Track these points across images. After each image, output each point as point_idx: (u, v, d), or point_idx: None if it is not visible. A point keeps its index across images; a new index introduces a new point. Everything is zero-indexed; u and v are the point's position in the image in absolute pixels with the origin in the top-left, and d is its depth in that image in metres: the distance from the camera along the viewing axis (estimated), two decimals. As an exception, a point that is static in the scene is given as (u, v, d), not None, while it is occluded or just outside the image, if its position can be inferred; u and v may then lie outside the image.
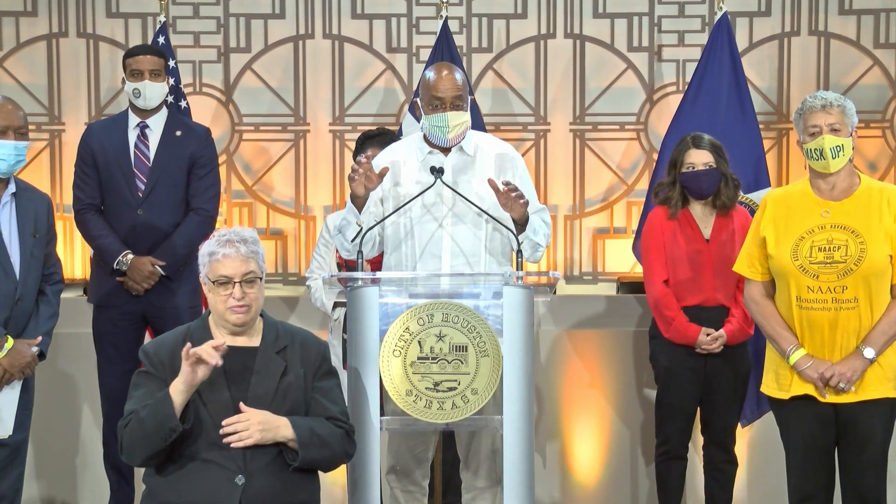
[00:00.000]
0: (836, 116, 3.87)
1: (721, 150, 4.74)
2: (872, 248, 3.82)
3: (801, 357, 3.89)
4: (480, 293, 3.81)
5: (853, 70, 5.85)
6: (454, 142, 4.14)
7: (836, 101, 3.90)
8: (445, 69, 4.17)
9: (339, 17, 5.89)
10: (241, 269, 3.45)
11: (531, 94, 5.91)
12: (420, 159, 4.18)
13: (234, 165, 5.89)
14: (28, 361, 4.15)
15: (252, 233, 3.56)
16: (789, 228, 3.92)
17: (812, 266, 3.85)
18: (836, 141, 3.85)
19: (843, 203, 3.90)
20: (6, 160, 4.08)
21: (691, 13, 5.88)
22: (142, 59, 4.90)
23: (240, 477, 3.37)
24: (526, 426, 3.74)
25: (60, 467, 5.51)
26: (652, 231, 4.80)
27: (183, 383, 3.34)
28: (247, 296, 3.46)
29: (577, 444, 5.57)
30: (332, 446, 3.48)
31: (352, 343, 3.80)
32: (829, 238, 3.86)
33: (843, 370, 3.83)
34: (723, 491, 4.84)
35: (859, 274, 3.82)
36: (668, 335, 4.72)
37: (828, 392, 3.87)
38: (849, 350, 3.86)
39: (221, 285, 3.46)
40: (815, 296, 3.85)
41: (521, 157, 4.30)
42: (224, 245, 3.48)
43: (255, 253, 3.50)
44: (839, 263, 3.83)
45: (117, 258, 4.83)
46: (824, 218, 3.89)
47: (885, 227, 3.85)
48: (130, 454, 3.43)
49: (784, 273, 3.91)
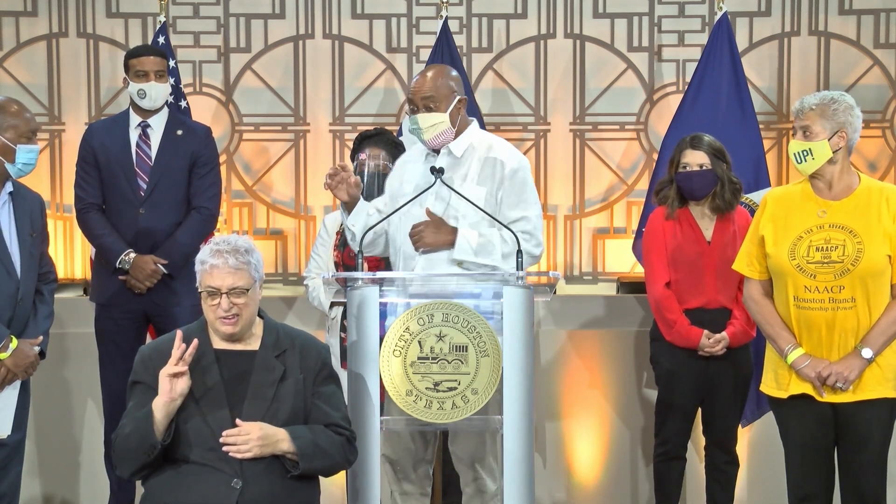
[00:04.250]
0: (810, 119, 3.84)
1: (721, 153, 4.72)
2: (870, 248, 3.82)
3: (799, 356, 3.88)
4: (480, 293, 3.80)
5: (853, 70, 5.85)
6: (434, 143, 4.13)
7: (815, 103, 3.86)
8: (427, 70, 4.18)
9: (339, 17, 5.89)
10: (227, 282, 3.42)
11: (531, 94, 5.91)
12: (422, 160, 4.21)
13: (234, 165, 5.89)
14: (31, 361, 4.16)
15: (246, 241, 3.51)
16: (788, 228, 3.92)
17: (809, 266, 3.85)
18: (801, 146, 3.85)
19: (842, 203, 3.89)
20: (32, 164, 4.16)
21: (691, 13, 5.88)
22: (146, 60, 4.91)
23: (236, 481, 3.37)
24: (526, 426, 3.74)
25: (61, 467, 5.51)
26: (653, 233, 4.79)
27: (163, 399, 3.35)
28: (234, 306, 3.43)
29: (577, 444, 5.57)
30: (333, 456, 3.47)
31: (352, 343, 3.80)
32: (827, 238, 3.86)
33: (840, 370, 3.83)
34: (724, 491, 4.84)
35: (856, 274, 3.81)
36: (669, 338, 4.72)
37: (825, 391, 3.87)
38: (846, 350, 3.85)
39: (210, 295, 3.45)
40: (813, 295, 3.85)
41: (518, 163, 4.16)
42: (214, 255, 3.45)
43: (245, 263, 3.45)
44: (836, 263, 3.83)
45: (120, 257, 4.83)
46: (822, 218, 3.89)
47: (883, 227, 3.84)
48: (121, 468, 3.48)
49: (782, 272, 3.91)
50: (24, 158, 4.11)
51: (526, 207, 4.13)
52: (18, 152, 4.09)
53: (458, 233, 4.05)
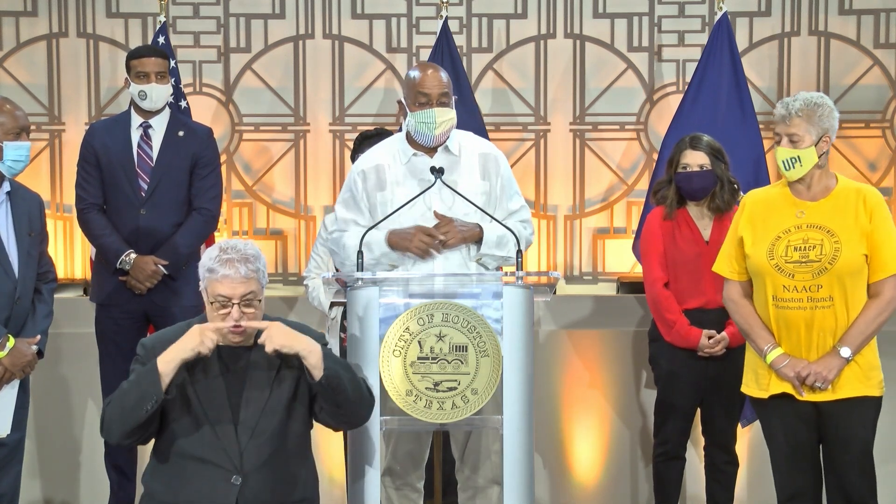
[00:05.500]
0: (797, 126, 3.85)
1: (720, 153, 4.73)
2: (847, 248, 3.83)
3: (778, 356, 3.90)
4: (480, 293, 3.80)
5: (853, 70, 5.85)
6: (439, 139, 4.13)
7: (800, 109, 3.85)
8: (431, 68, 4.18)
9: (339, 17, 5.89)
10: (239, 291, 3.38)
11: (531, 94, 5.91)
12: (404, 162, 4.16)
13: (235, 165, 5.89)
14: (29, 360, 4.16)
15: (255, 249, 3.46)
16: (766, 228, 3.93)
17: (787, 265, 3.86)
18: (790, 153, 3.86)
19: (820, 203, 3.91)
20: (23, 161, 4.12)
21: (691, 13, 5.88)
22: (147, 61, 4.91)
23: (236, 477, 3.38)
24: (526, 426, 3.74)
25: (60, 467, 5.51)
26: (651, 234, 4.79)
27: (178, 351, 3.32)
28: (245, 316, 3.40)
29: (577, 444, 5.57)
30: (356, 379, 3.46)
31: (352, 343, 3.80)
32: (805, 237, 3.87)
33: (819, 369, 3.84)
34: (725, 491, 4.84)
35: (834, 273, 3.83)
36: (669, 339, 4.72)
37: (804, 391, 3.88)
38: (825, 349, 3.86)
39: (221, 305, 3.41)
40: (791, 295, 3.86)
41: (503, 156, 4.26)
42: (224, 264, 3.39)
43: (255, 271, 3.41)
44: (814, 262, 3.84)
45: (120, 257, 4.84)
46: (800, 218, 3.90)
47: (860, 227, 3.86)
48: (109, 429, 3.41)
49: (760, 272, 3.92)
50: (12, 156, 4.08)
51: (519, 198, 4.26)
52: (6, 149, 4.07)
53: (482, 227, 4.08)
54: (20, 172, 4.17)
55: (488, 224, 4.09)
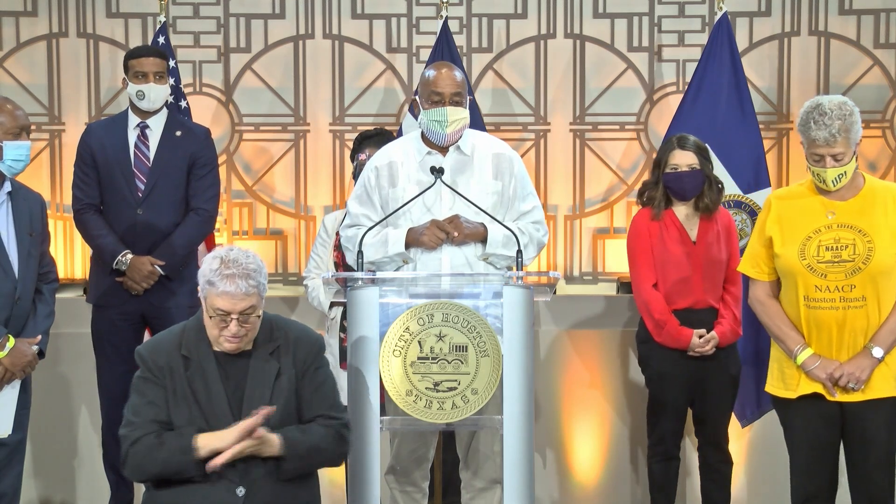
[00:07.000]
0: (841, 146, 3.82)
1: (706, 152, 4.74)
2: (880, 247, 3.84)
3: (809, 357, 3.89)
4: (480, 293, 3.81)
5: (853, 70, 5.84)
6: (451, 138, 4.14)
7: (840, 129, 3.79)
8: (445, 67, 4.20)
9: (339, 17, 5.89)
10: (239, 307, 3.37)
11: (531, 94, 5.90)
12: (418, 160, 4.19)
13: (234, 165, 5.89)
14: (29, 360, 4.16)
15: (256, 262, 3.42)
16: (795, 228, 3.92)
17: (820, 265, 3.86)
18: (838, 171, 3.85)
19: (849, 203, 3.91)
20: (23, 161, 4.13)
21: (691, 13, 5.88)
22: (145, 61, 4.91)
23: (240, 489, 3.37)
24: (526, 426, 3.74)
25: (59, 467, 5.51)
26: (638, 235, 4.78)
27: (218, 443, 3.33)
28: (242, 328, 3.40)
29: (577, 444, 5.57)
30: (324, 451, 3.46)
31: (352, 343, 3.80)
32: (837, 237, 3.87)
33: (851, 370, 3.83)
34: (721, 491, 4.84)
35: (867, 273, 3.83)
36: (659, 339, 4.71)
37: (836, 391, 3.87)
38: (856, 349, 3.86)
39: (219, 318, 3.40)
40: (823, 295, 3.86)
41: (518, 156, 4.30)
42: (225, 280, 3.36)
43: (256, 286, 3.39)
44: (847, 262, 3.84)
45: (116, 258, 4.83)
46: (830, 218, 3.90)
47: (890, 226, 3.86)
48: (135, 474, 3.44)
49: (791, 272, 3.91)
50: (12, 155, 4.09)
51: (533, 199, 4.26)
52: (6, 149, 4.07)
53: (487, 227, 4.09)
54: (20, 172, 4.17)
55: (492, 224, 4.09)
